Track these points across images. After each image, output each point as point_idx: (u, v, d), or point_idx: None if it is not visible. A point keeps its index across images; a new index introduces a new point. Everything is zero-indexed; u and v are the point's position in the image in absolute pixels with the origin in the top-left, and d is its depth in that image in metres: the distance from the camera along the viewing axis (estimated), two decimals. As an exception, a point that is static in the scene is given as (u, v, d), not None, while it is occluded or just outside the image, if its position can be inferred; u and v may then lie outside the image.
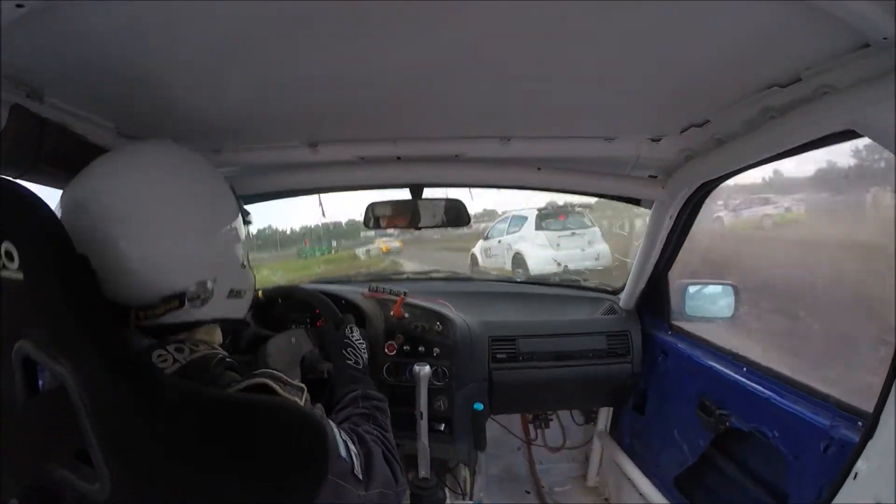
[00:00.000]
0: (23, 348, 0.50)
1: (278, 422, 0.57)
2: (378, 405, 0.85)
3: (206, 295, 0.66)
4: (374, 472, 0.68)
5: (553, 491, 2.02)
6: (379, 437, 0.76)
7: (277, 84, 0.84)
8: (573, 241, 6.87)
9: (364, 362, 1.02)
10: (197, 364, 0.60)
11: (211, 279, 0.67)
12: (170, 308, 0.63)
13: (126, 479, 0.50)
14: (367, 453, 0.69)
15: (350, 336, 1.05)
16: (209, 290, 0.66)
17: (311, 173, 1.29)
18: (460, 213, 1.39)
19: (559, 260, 6.49)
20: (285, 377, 0.63)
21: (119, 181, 0.63)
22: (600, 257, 6.61)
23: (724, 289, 1.54)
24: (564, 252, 6.67)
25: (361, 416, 0.81)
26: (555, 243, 6.84)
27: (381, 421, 0.82)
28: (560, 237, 6.91)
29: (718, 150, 1.04)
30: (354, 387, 0.89)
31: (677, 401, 1.45)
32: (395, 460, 0.75)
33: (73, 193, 0.63)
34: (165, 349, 0.59)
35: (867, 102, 0.65)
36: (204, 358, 0.61)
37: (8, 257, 0.48)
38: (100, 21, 0.62)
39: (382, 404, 0.86)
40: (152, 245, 0.61)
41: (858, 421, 0.87)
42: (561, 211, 7.25)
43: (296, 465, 0.56)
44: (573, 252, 6.63)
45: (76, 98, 0.84)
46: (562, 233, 6.97)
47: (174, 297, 0.63)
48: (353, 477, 0.63)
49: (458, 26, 0.66)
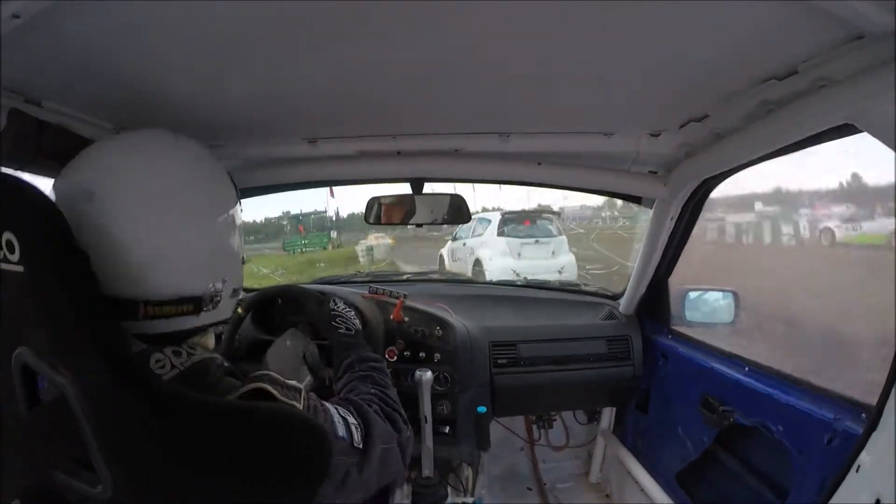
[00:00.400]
0: (22, 356, 0.50)
1: (276, 428, 0.56)
2: (374, 365, 0.87)
3: (218, 298, 0.63)
4: (373, 435, 0.69)
5: (555, 488, 2.02)
6: (377, 394, 0.77)
7: (277, 82, 0.85)
8: (536, 250, 6.43)
9: (356, 327, 1.02)
10: (196, 369, 0.59)
11: (221, 280, 0.63)
12: (181, 311, 0.59)
13: (127, 482, 0.50)
14: (365, 417, 0.71)
15: (336, 307, 1.05)
16: (219, 293, 0.63)
17: (311, 167, 1.29)
18: (461, 209, 1.39)
19: (518, 270, 5.92)
20: (282, 378, 0.62)
21: (130, 170, 0.58)
22: (564, 270, 6.16)
23: (725, 295, 1.54)
24: (525, 262, 6.21)
25: (359, 378, 0.83)
26: (516, 252, 6.42)
27: (379, 379, 0.84)
28: (523, 245, 6.45)
29: (718, 146, 1.04)
30: (349, 353, 0.91)
31: (680, 400, 1.44)
32: (396, 411, 0.77)
33: (75, 180, 0.58)
34: (162, 353, 0.57)
35: (865, 96, 0.65)
36: (203, 363, 0.60)
37: (9, 248, 0.48)
38: (95, 25, 0.63)
39: (379, 364, 0.89)
40: (168, 239, 0.58)
41: (863, 413, 0.87)
42: (526, 216, 6.83)
43: (295, 469, 0.56)
44: (534, 262, 6.17)
45: (74, 101, 0.85)
46: (525, 240, 6.48)
47: (189, 300, 0.60)
48: (352, 449, 0.64)
49: (457, 23, 0.66)
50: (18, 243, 0.48)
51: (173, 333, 0.60)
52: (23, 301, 0.50)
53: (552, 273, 5.82)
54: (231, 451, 0.53)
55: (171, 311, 0.59)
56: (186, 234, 0.60)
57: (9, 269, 0.49)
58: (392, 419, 0.76)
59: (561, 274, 5.94)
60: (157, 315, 0.58)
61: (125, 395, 0.49)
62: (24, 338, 0.50)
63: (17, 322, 0.51)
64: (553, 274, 5.76)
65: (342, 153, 1.23)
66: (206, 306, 0.62)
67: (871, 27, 0.60)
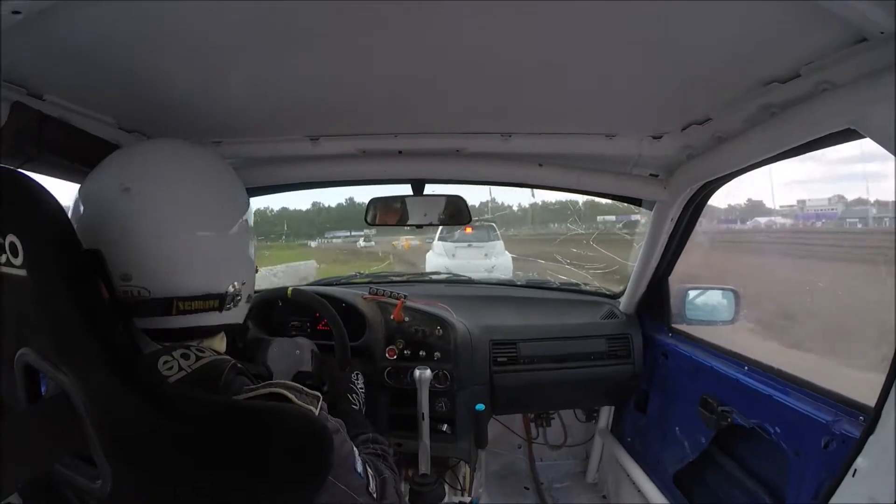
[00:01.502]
0: (25, 356, 0.50)
1: (280, 425, 0.56)
2: (385, 449, 0.89)
3: (239, 297, 0.66)
4: (387, 495, 0.71)
5: (552, 487, 2.02)
6: (391, 477, 0.78)
7: (278, 78, 0.85)
8: (469, 252, 7.53)
9: (364, 410, 1.08)
10: (206, 370, 0.58)
11: (241, 282, 0.66)
12: (207, 307, 0.62)
13: (128, 478, 0.50)
14: (383, 481, 0.73)
15: (355, 382, 1.11)
16: (239, 293, 0.66)
17: (312, 167, 1.29)
18: (461, 211, 1.39)
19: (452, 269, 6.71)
20: (301, 386, 0.61)
21: (166, 170, 0.61)
22: (494, 269, 7.10)
23: (725, 293, 1.54)
24: (458, 262, 7.26)
25: (373, 455, 0.84)
26: (451, 253, 7.56)
27: (391, 463, 0.85)
28: (457, 248, 7.59)
29: (720, 149, 1.04)
30: (365, 430, 0.93)
31: (679, 400, 1.45)
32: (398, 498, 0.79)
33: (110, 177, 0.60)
34: (171, 355, 0.57)
35: (866, 100, 0.65)
36: (213, 364, 0.59)
37: (12, 251, 0.47)
38: (97, 21, 0.62)
39: (388, 450, 0.90)
40: (197, 238, 0.61)
41: (860, 416, 0.87)
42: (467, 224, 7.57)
43: (297, 468, 0.56)
44: (466, 262, 7.15)
45: (76, 95, 0.84)
46: (459, 244, 7.61)
47: (215, 296, 0.62)
48: (367, 493, 0.66)
49: (459, 23, 0.66)
50: (22, 247, 0.47)
51: (194, 329, 0.62)
52: (26, 305, 0.49)
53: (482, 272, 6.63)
54: (234, 450, 0.53)
55: (199, 305, 0.61)
56: (213, 234, 0.63)
57: (12, 272, 0.48)
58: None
59: (491, 272, 6.88)
60: (187, 310, 0.60)
61: (129, 395, 0.49)
62: (27, 339, 0.50)
63: (20, 323, 0.51)
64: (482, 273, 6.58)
65: (343, 152, 1.23)
66: (227, 304, 0.64)
67: (873, 30, 0.60)
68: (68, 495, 0.56)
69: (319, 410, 0.60)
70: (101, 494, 0.50)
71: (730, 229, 11.94)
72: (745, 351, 1.28)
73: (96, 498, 0.51)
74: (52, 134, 0.83)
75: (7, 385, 0.53)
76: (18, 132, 0.76)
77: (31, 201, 0.48)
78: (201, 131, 1.10)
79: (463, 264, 7.08)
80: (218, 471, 0.52)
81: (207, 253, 0.62)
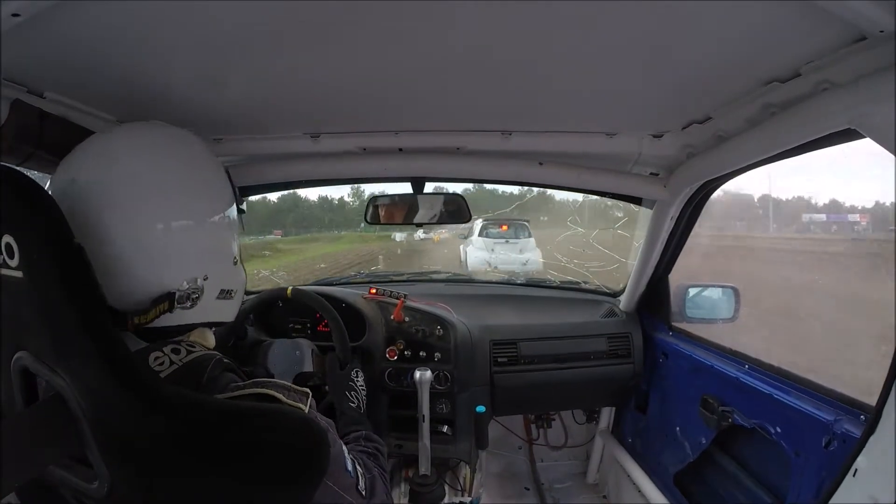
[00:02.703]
0: (22, 360, 0.50)
1: (277, 426, 0.56)
2: (379, 448, 0.88)
3: (197, 295, 0.62)
4: (376, 493, 0.70)
5: (552, 488, 2.02)
6: (380, 475, 0.77)
7: (279, 76, 0.85)
8: (506, 248, 8.54)
9: (364, 407, 1.06)
10: (193, 365, 0.58)
11: (202, 277, 0.62)
12: (160, 311, 0.59)
13: (124, 479, 0.50)
14: (372, 478, 0.72)
15: (355, 379, 1.09)
16: (200, 289, 0.62)
17: (312, 164, 1.29)
18: (461, 209, 1.39)
19: (490, 262, 8.18)
20: (290, 385, 0.61)
21: (108, 163, 0.58)
22: (528, 263, 8.11)
23: (725, 291, 1.54)
24: (497, 255, 8.33)
25: (365, 453, 0.83)
26: (490, 248, 8.54)
27: (382, 462, 0.84)
28: (496, 244, 8.57)
29: (720, 148, 1.04)
30: (359, 427, 0.92)
31: (679, 399, 1.45)
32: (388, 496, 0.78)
33: (62, 177, 0.58)
34: (161, 350, 0.57)
35: (866, 100, 0.65)
36: (200, 359, 0.59)
37: (8, 252, 0.47)
38: (97, 21, 0.63)
39: (382, 448, 0.89)
40: (143, 233, 0.57)
41: (861, 415, 0.87)
42: (504, 222, 8.98)
43: (294, 469, 0.56)
44: (504, 256, 8.28)
45: (76, 93, 0.85)
46: (497, 240, 8.61)
47: (163, 297, 0.59)
48: (356, 491, 0.65)
49: (460, 21, 0.66)
50: (18, 248, 0.47)
51: (159, 329, 0.60)
52: (22, 307, 0.49)
53: (517, 265, 7.92)
54: (228, 449, 0.53)
55: (152, 315, 0.58)
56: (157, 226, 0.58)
57: (8, 274, 0.48)
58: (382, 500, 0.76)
59: (524, 266, 7.90)
60: (145, 322, 0.58)
61: (124, 394, 0.48)
62: (24, 342, 0.50)
63: (16, 326, 0.51)
64: (518, 266, 7.87)
65: (344, 149, 1.23)
66: (181, 303, 0.60)
67: (873, 29, 0.60)
68: (65, 496, 0.55)
69: (309, 408, 0.60)
70: (98, 495, 0.50)
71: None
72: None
73: (93, 499, 0.51)
74: (53, 132, 0.83)
75: (4, 389, 0.53)
76: (19, 130, 0.76)
77: (26, 201, 0.48)
78: (202, 128, 1.10)
79: (501, 257, 8.25)
80: (213, 472, 0.52)
81: (151, 247, 0.57)
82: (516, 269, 7.59)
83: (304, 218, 18.26)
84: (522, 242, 8.69)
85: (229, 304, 0.69)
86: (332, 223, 15.78)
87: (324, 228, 16.46)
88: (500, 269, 7.74)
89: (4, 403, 0.54)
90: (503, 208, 10.23)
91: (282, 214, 17.36)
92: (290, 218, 17.58)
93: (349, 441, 0.87)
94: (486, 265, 8.06)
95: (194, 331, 0.65)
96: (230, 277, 0.68)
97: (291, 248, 14.08)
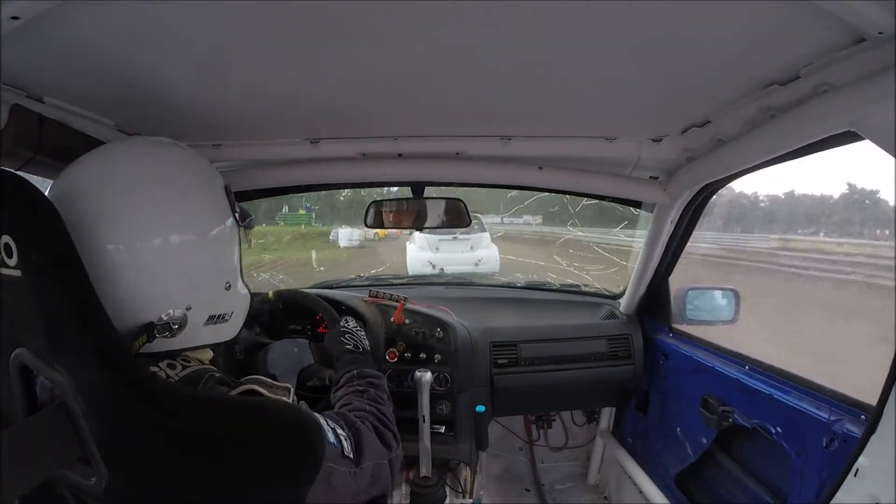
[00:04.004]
0: (20, 357, 0.50)
1: (271, 418, 0.58)
2: (373, 381, 0.88)
3: (179, 325, 0.60)
4: (363, 448, 0.69)
5: (553, 489, 2.02)
6: (372, 410, 0.78)
7: (278, 82, 0.85)
8: (453, 245, 7.16)
9: (364, 346, 1.04)
10: (188, 379, 0.60)
11: (183, 308, 0.60)
12: (140, 343, 0.57)
13: (122, 475, 0.50)
14: (356, 433, 0.70)
15: (346, 325, 1.08)
16: (182, 320, 0.60)
17: (312, 169, 1.29)
18: (461, 213, 1.39)
19: (434, 262, 6.74)
20: (271, 380, 0.62)
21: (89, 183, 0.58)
22: (481, 263, 6.87)
23: (725, 293, 1.54)
24: (442, 255, 6.94)
25: (355, 392, 0.83)
26: (434, 246, 7.18)
27: (376, 395, 0.84)
28: (440, 241, 7.16)
29: (719, 151, 1.04)
30: (351, 367, 0.92)
31: (680, 400, 1.45)
32: (388, 429, 0.77)
33: (56, 191, 0.58)
34: (157, 366, 0.59)
35: (866, 102, 0.66)
36: (196, 374, 0.61)
37: (7, 252, 0.48)
38: (96, 25, 0.63)
39: (378, 380, 0.89)
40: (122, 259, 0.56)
41: (862, 415, 0.87)
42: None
43: (292, 458, 0.57)
44: (450, 256, 6.88)
45: (75, 98, 0.85)
46: (442, 236, 7.10)
47: (142, 329, 0.57)
48: (343, 458, 0.65)
49: (459, 26, 0.66)
50: (16, 248, 0.47)
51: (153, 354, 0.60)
52: (21, 305, 0.49)
53: (468, 265, 6.64)
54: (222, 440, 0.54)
55: (136, 347, 0.56)
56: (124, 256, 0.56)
57: (6, 273, 0.48)
58: (384, 437, 0.75)
59: (477, 266, 6.68)
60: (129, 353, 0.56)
61: (122, 390, 0.50)
62: (22, 339, 0.51)
63: (14, 324, 0.51)
64: (469, 266, 6.58)
65: (344, 154, 1.23)
66: (161, 333, 0.58)
67: (872, 30, 0.60)
68: (63, 493, 0.56)
69: (291, 401, 0.62)
70: (96, 492, 0.50)
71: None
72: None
73: (91, 495, 0.52)
74: (52, 136, 0.83)
75: (4, 386, 0.53)
76: (18, 134, 0.76)
77: (25, 202, 0.49)
78: (201, 134, 1.10)
79: (448, 257, 6.77)
80: (209, 465, 0.53)
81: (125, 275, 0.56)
82: (466, 270, 6.27)
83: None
84: (474, 238, 7.33)
85: (225, 327, 0.68)
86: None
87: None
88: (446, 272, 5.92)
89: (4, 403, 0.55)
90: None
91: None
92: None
93: (342, 384, 0.87)
94: (429, 266, 6.64)
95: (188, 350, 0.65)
96: (221, 303, 0.66)
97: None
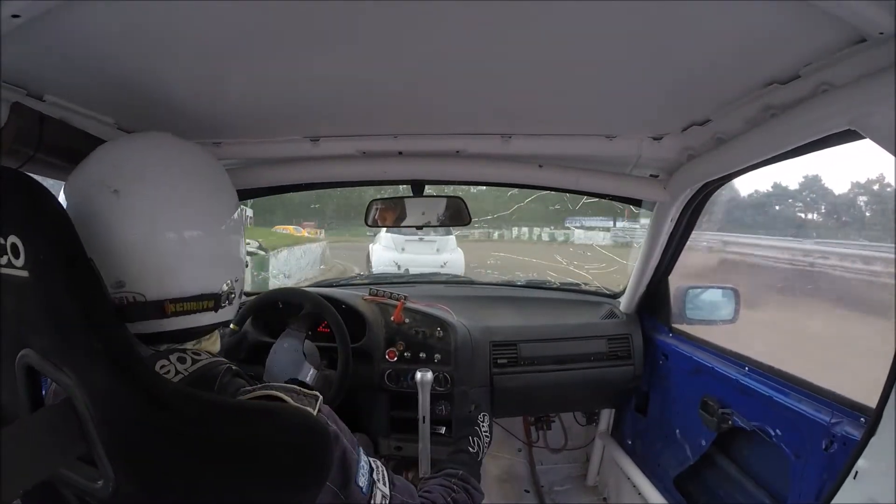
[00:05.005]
0: (26, 357, 0.50)
1: (279, 423, 0.55)
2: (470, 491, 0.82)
3: (233, 295, 0.65)
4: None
5: (552, 490, 2.01)
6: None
7: (278, 80, 0.85)
8: (419, 246, 7.34)
9: (482, 455, 1.00)
10: (203, 373, 0.58)
11: (234, 279, 0.65)
12: (202, 307, 0.61)
13: (129, 478, 0.50)
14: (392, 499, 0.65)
15: (481, 424, 1.06)
16: (234, 291, 0.65)
17: (311, 167, 1.29)
18: (460, 212, 1.39)
19: (399, 263, 6.85)
20: (300, 388, 0.60)
21: (154, 170, 0.60)
22: (446, 266, 6.92)
23: (725, 292, 1.54)
24: (407, 256, 7.08)
25: (445, 489, 0.78)
26: (400, 247, 7.29)
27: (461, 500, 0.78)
28: (406, 241, 7.31)
29: (720, 150, 1.04)
30: (460, 468, 0.87)
31: (679, 401, 1.45)
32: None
33: (96, 177, 0.58)
34: (167, 359, 0.57)
35: (866, 101, 0.65)
36: (209, 366, 0.59)
37: (14, 252, 0.47)
38: (97, 23, 0.63)
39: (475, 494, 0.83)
40: (189, 238, 0.60)
41: (861, 417, 0.87)
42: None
43: (296, 469, 0.55)
44: (416, 257, 7.00)
45: (76, 96, 0.85)
46: (409, 237, 7.26)
47: (209, 296, 0.61)
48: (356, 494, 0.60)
49: (459, 24, 0.66)
50: (24, 248, 0.47)
51: (189, 330, 0.61)
52: (28, 306, 0.49)
53: (434, 267, 6.59)
54: (232, 447, 0.53)
55: (193, 306, 0.60)
56: (204, 233, 0.62)
57: (13, 273, 0.48)
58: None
59: (443, 268, 6.63)
60: (181, 311, 0.59)
61: (132, 395, 0.48)
62: (28, 340, 0.50)
63: (21, 325, 0.50)
64: (434, 268, 6.50)
65: (344, 153, 1.23)
66: (223, 303, 0.64)
67: (872, 30, 0.60)
68: (67, 495, 0.55)
69: (318, 411, 0.58)
70: (103, 495, 0.50)
71: None
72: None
73: (97, 498, 0.51)
74: (52, 135, 0.83)
75: (8, 388, 0.53)
76: (18, 133, 0.77)
77: (33, 202, 0.48)
78: (201, 132, 1.10)
79: (413, 259, 6.94)
80: (217, 470, 0.52)
81: (200, 252, 0.61)
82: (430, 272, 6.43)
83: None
84: (440, 241, 7.62)
85: (237, 305, 0.71)
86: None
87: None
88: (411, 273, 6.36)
89: (8, 403, 0.54)
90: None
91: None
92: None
93: (438, 475, 0.84)
94: (395, 266, 6.86)
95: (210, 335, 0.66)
96: (244, 280, 0.71)
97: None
